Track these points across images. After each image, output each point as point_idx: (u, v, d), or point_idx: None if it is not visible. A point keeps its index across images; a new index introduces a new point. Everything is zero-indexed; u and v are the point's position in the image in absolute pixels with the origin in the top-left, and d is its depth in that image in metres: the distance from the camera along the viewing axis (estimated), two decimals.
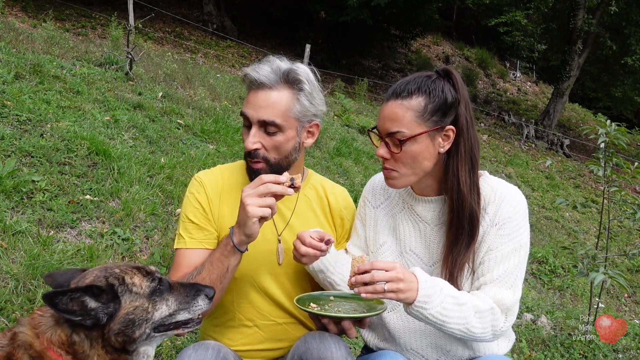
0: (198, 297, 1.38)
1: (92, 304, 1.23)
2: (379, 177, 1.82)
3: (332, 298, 1.63)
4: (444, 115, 1.50)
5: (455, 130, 1.51)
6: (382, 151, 1.54)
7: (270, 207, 1.43)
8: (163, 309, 1.32)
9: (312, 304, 1.54)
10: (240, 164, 1.83)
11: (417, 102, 1.48)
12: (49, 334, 1.25)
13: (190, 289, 1.39)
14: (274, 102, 1.59)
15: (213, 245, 1.68)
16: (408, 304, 1.40)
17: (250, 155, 1.63)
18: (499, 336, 1.52)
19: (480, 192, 1.55)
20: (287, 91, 1.61)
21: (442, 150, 1.53)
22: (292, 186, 1.46)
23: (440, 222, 1.63)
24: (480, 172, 1.64)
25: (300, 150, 1.70)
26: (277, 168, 1.63)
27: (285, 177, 1.46)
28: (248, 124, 1.63)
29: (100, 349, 1.26)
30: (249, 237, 1.48)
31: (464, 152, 1.52)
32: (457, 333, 1.44)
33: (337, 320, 1.53)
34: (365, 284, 1.37)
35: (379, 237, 1.74)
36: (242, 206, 1.44)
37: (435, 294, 1.40)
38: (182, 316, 1.36)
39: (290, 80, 1.62)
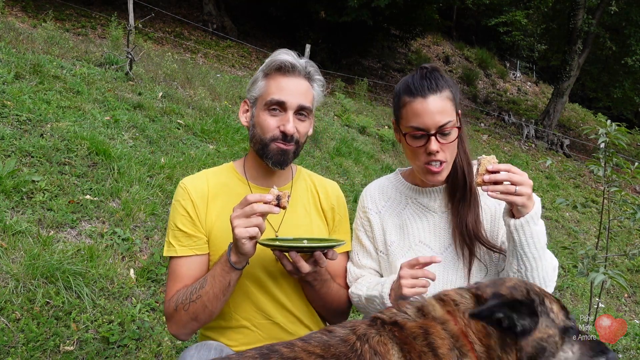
0: (600, 357, 1.25)
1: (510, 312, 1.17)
2: (373, 185, 1.89)
3: (304, 242, 1.62)
4: (457, 100, 1.66)
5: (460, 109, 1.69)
6: (435, 146, 1.56)
7: (257, 226, 1.45)
8: (568, 353, 1.21)
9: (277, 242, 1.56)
10: (226, 166, 1.84)
11: (448, 92, 1.59)
12: (467, 317, 1.18)
13: (597, 346, 1.26)
14: (307, 89, 1.70)
15: (203, 250, 1.70)
16: (519, 216, 1.44)
17: (285, 139, 1.67)
18: None
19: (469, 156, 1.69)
20: (308, 80, 1.72)
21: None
22: (278, 205, 1.47)
23: (447, 208, 1.71)
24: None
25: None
26: (298, 151, 1.73)
27: (272, 195, 1.47)
28: (279, 109, 1.67)
29: (514, 358, 1.18)
30: (245, 256, 1.52)
31: (461, 126, 1.68)
32: (541, 272, 1.49)
33: (286, 252, 1.53)
34: (496, 183, 1.40)
35: (387, 237, 1.77)
36: (232, 228, 1.47)
37: (539, 216, 1.47)
38: None
39: (309, 70, 1.72)
